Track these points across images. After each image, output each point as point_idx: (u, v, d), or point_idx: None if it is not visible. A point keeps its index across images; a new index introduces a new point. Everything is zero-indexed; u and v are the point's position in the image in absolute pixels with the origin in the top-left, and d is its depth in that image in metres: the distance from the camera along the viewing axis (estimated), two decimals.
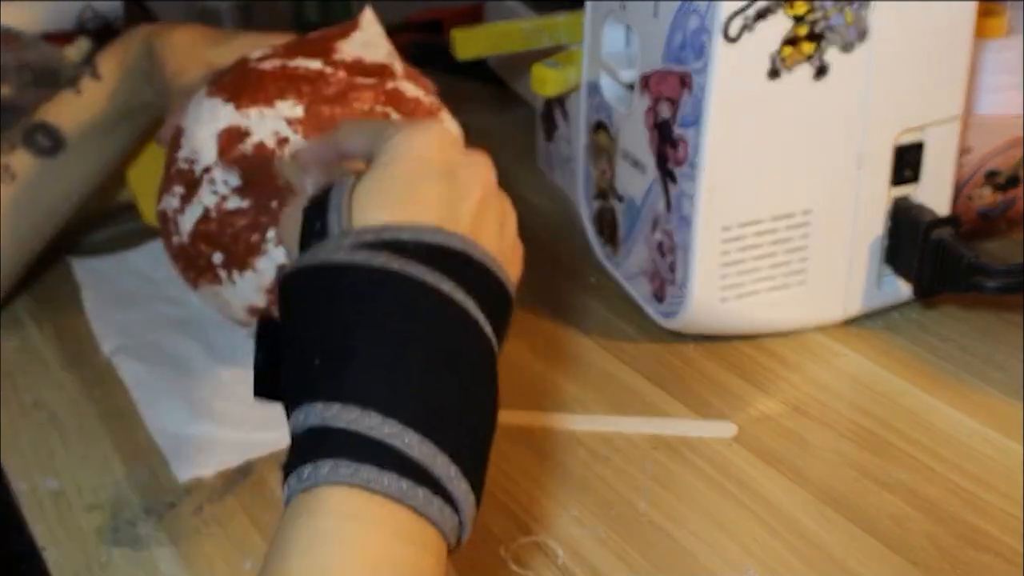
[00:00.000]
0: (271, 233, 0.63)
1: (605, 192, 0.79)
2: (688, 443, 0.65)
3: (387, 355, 0.41)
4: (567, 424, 0.67)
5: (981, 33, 0.72)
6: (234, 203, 0.63)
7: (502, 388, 0.70)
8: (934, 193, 0.73)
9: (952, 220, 0.71)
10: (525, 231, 0.65)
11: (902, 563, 0.56)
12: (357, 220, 0.45)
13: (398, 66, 0.69)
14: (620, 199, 0.77)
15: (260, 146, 0.63)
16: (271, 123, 0.63)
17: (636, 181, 0.74)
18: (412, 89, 0.68)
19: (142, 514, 0.61)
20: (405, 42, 1.29)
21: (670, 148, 0.69)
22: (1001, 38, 0.77)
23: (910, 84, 0.68)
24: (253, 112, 0.63)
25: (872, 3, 0.65)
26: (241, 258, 0.64)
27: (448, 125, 0.68)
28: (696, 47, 0.65)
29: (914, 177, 0.72)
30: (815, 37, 0.65)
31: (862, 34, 0.66)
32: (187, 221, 0.65)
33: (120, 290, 0.81)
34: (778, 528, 0.58)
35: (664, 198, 0.71)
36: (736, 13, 0.63)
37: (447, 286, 0.43)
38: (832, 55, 0.66)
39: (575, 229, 0.88)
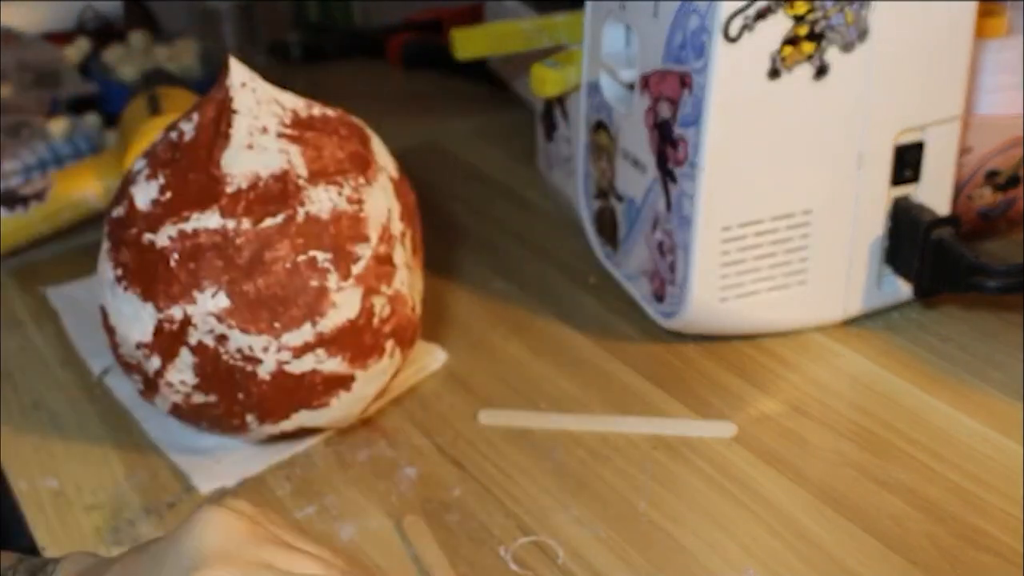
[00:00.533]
0: (250, 416, 0.61)
1: (605, 192, 0.79)
2: (688, 443, 0.65)
3: None
4: (567, 424, 0.67)
5: (981, 33, 0.72)
6: (200, 398, 0.61)
7: (503, 387, 0.71)
8: (934, 193, 0.73)
9: (952, 220, 0.71)
10: (525, 231, 0.65)
11: (902, 563, 0.56)
12: None
13: (290, 154, 0.60)
14: (620, 199, 0.77)
15: (201, 347, 0.58)
16: (201, 321, 0.58)
17: (636, 181, 0.74)
18: (322, 195, 0.59)
19: (142, 514, 0.61)
20: (405, 42, 1.30)
21: (670, 148, 0.69)
22: (1001, 38, 0.77)
23: (910, 84, 0.68)
24: (176, 311, 0.58)
25: (872, 3, 0.65)
26: (230, 430, 0.63)
27: (382, 169, 0.62)
28: (696, 47, 0.65)
29: (914, 177, 0.72)
30: (815, 37, 0.65)
31: (862, 34, 0.66)
32: (161, 404, 0.63)
33: (93, 312, 0.77)
34: (778, 528, 0.58)
35: (664, 198, 0.71)
36: (736, 13, 0.63)
37: None
38: (832, 55, 0.66)
39: (575, 229, 0.88)
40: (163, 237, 0.58)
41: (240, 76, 0.61)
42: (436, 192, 0.64)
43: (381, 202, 0.61)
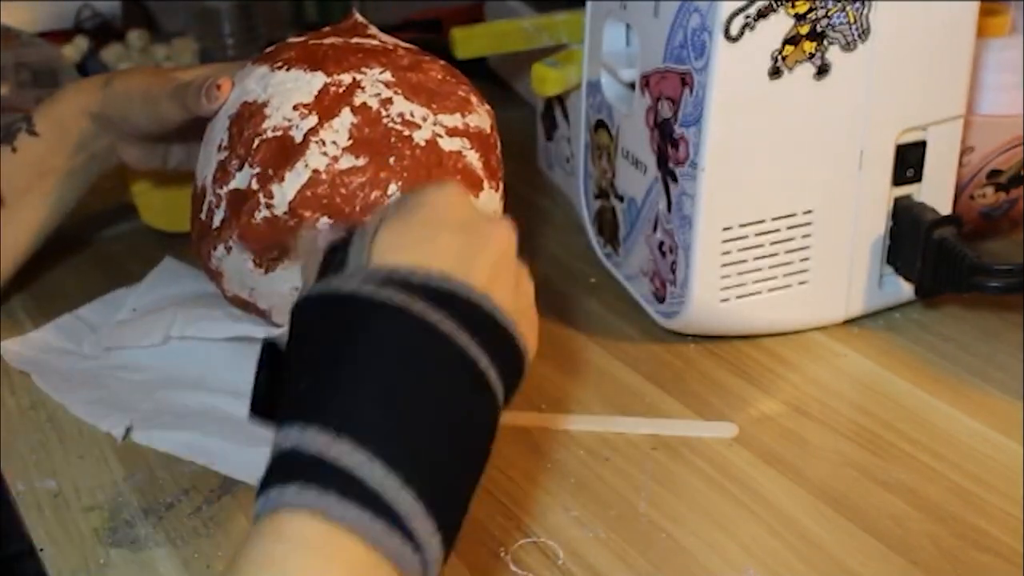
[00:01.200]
0: (393, 187, 0.62)
1: (605, 192, 0.79)
2: (688, 443, 0.65)
3: (372, 388, 0.41)
4: (567, 424, 0.67)
5: (983, 32, 0.72)
6: (347, 162, 0.62)
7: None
8: (936, 193, 0.72)
9: (954, 220, 0.71)
10: (525, 231, 0.65)
11: (902, 563, 0.56)
12: (375, 260, 0.45)
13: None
14: (620, 199, 0.77)
15: (364, 107, 0.62)
16: (370, 85, 0.62)
17: (637, 181, 0.74)
18: (445, 65, 0.68)
19: (140, 515, 0.61)
20: (404, 41, 1.30)
21: (671, 147, 0.69)
22: (1003, 37, 0.77)
23: (912, 83, 0.68)
24: (346, 77, 0.62)
25: (874, 2, 0.65)
26: (355, 218, 0.62)
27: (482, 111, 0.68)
28: (697, 46, 0.65)
29: (916, 177, 0.71)
30: (816, 36, 0.65)
31: (864, 33, 0.66)
32: (286, 190, 0.62)
33: (65, 370, 0.73)
34: (778, 528, 0.58)
35: (665, 198, 0.70)
36: (737, 12, 0.63)
37: (448, 327, 0.43)
38: (834, 54, 0.65)
39: (575, 229, 0.88)
40: (331, 39, 0.65)
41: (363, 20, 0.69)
42: None
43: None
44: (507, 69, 1.06)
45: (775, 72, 0.65)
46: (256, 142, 0.62)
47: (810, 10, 0.64)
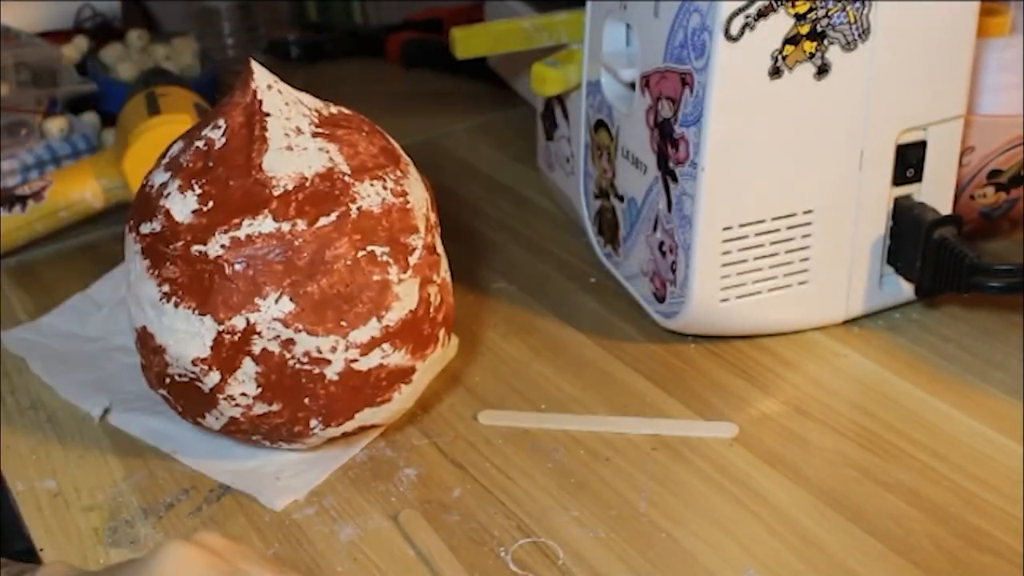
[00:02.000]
0: (315, 421, 0.59)
1: (605, 191, 0.79)
2: (688, 443, 0.65)
3: None
4: (567, 424, 0.67)
5: (983, 32, 0.72)
6: (262, 408, 0.59)
7: (503, 388, 0.70)
8: (936, 192, 0.72)
9: (954, 220, 0.71)
10: (525, 231, 0.65)
11: (902, 563, 0.56)
12: None
13: (330, 152, 0.59)
14: (621, 198, 0.77)
15: (265, 354, 0.57)
16: (266, 328, 0.56)
17: (637, 180, 0.74)
18: (369, 190, 0.58)
19: (140, 514, 0.61)
20: (405, 41, 1.30)
21: (671, 147, 0.69)
22: (1003, 37, 0.77)
23: (912, 83, 0.68)
24: (238, 320, 0.56)
25: (874, 2, 0.65)
26: (287, 439, 0.61)
27: (412, 180, 0.61)
28: (697, 46, 0.65)
29: (916, 176, 0.71)
30: (817, 36, 0.65)
31: (864, 33, 0.66)
32: (211, 423, 0.61)
33: (65, 353, 0.75)
34: (778, 528, 0.58)
35: (665, 198, 0.70)
36: (737, 12, 0.63)
37: None
38: (834, 54, 0.65)
39: (575, 229, 0.88)
40: (215, 247, 0.56)
41: (265, 78, 0.60)
42: (436, 192, 0.64)
43: (419, 192, 0.61)
44: (507, 69, 1.06)
45: (775, 72, 0.65)
46: (167, 379, 0.60)
47: (810, 10, 0.64)
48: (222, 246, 0.56)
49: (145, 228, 0.59)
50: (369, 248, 0.57)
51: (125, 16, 1.31)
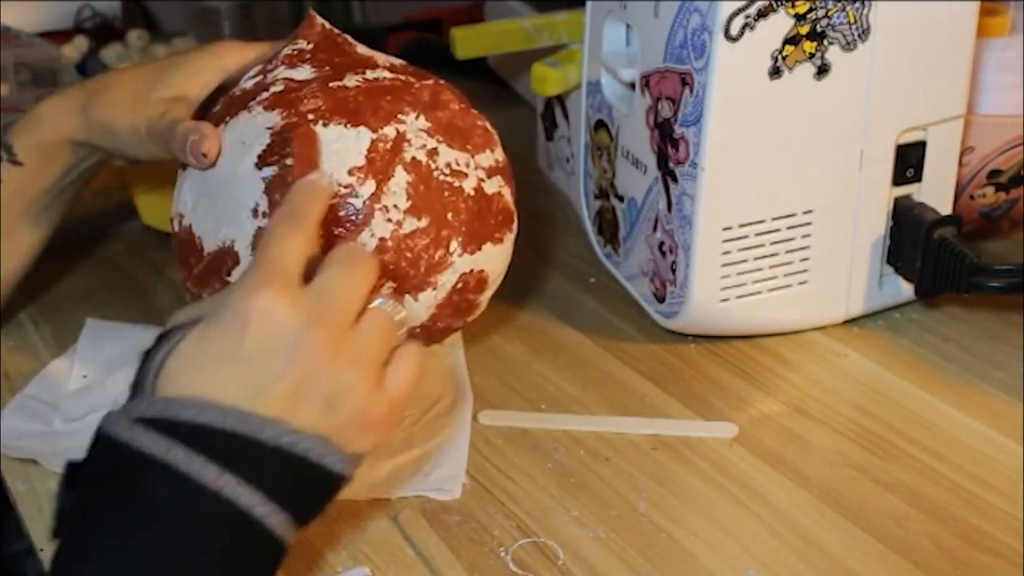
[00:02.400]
0: (454, 243, 0.61)
1: (605, 192, 0.79)
2: (688, 443, 0.65)
3: (138, 547, 0.42)
4: (567, 424, 0.67)
5: (983, 32, 0.72)
6: (410, 224, 0.59)
7: (503, 388, 0.70)
8: (936, 193, 0.72)
9: (954, 220, 0.71)
10: (525, 231, 0.65)
11: (902, 563, 0.56)
12: (162, 384, 0.45)
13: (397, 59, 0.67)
14: (621, 199, 0.77)
15: (415, 164, 0.60)
16: (414, 136, 0.60)
17: (637, 180, 0.74)
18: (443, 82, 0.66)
19: None
20: (405, 41, 1.30)
21: (671, 147, 0.69)
22: (1003, 37, 0.77)
23: (912, 83, 0.68)
24: (389, 130, 0.60)
25: (874, 2, 0.65)
26: (421, 280, 0.61)
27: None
28: (697, 46, 0.65)
29: (916, 177, 0.71)
30: (817, 36, 0.65)
31: (864, 33, 0.66)
32: (368, 238, 0.60)
33: (57, 449, 0.67)
34: (778, 528, 0.58)
35: (665, 198, 0.70)
36: (737, 12, 0.63)
37: (217, 479, 0.42)
38: (834, 54, 0.65)
39: (575, 229, 0.88)
40: (351, 80, 0.61)
41: (322, 20, 0.66)
42: None
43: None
44: (507, 69, 1.06)
45: (775, 72, 0.65)
46: None
47: (810, 10, 0.64)
48: (358, 81, 0.61)
49: (261, 96, 0.61)
50: (465, 105, 0.64)
51: (125, 16, 1.31)
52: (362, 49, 0.65)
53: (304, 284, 0.47)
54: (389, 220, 0.59)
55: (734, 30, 0.63)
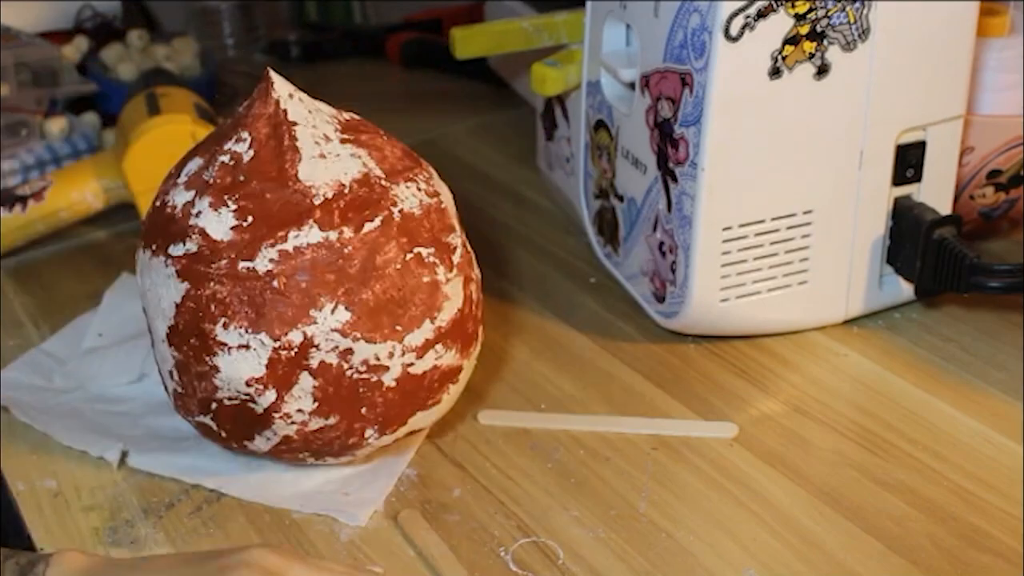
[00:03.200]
0: (370, 431, 0.58)
1: (605, 192, 0.79)
2: (688, 443, 0.65)
3: None
4: (567, 424, 0.67)
5: (983, 32, 0.72)
6: (317, 423, 0.57)
7: (503, 387, 0.70)
8: (936, 193, 0.72)
9: (954, 220, 0.71)
10: (525, 231, 0.65)
11: (902, 563, 0.56)
12: None
13: (361, 157, 0.58)
14: (620, 199, 0.77)
15: (323, 367, 0.56)
16: (323, 339, 0.55)
17: (637, 180, 0.74)
18: (406, 192, 0.58)
19: (140, 514, 0.61)
20: (405, 41, 1.30)
21: (671, 147, 0.69)
22: (1003, 37, 0.76)
23: (912, 83, 0.68)
24: (295, 335, 0.55)
25: (874, 2, 0.65)
26: (337, 453, 0.60)
27: (425, 186, 0.60)
28: (697, 46, 0.65)
29: (916, 177, 0.71)
30: (816, 36, 0.65)
31: (864, 33, 0.66)
32: (259, 445, 0.59)
33: (43, 405, 0.70)
34: (778, 528, 0.58)
35: (665, 198, 0.70)
36: (737, 12, 0.63)
37: None
38: (833, 54, 0.65)
39: (575, 229, 0.88)
40: (263, 261, 0.54)
41: (285, 87, 0.58)
42: None
43: (446, 191, 0.61)
44: (507, 69, 1.06)
45: (775, 72, 0.65)
46: (213, 404, 0.58)
47: (810, 10, 0.64)
48: (271, 260, 0.55)
49: (176, 250, 0.56)
50: (416, 250, 0.57)
51: (125, 16, 1.31)
52: (305, 166, 0.56)
53: None
54: (293, 423, 0.57)
55: (734, 30, 0.63)
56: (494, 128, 1.11)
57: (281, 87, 0.58)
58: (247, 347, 0.55)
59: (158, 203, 0.59)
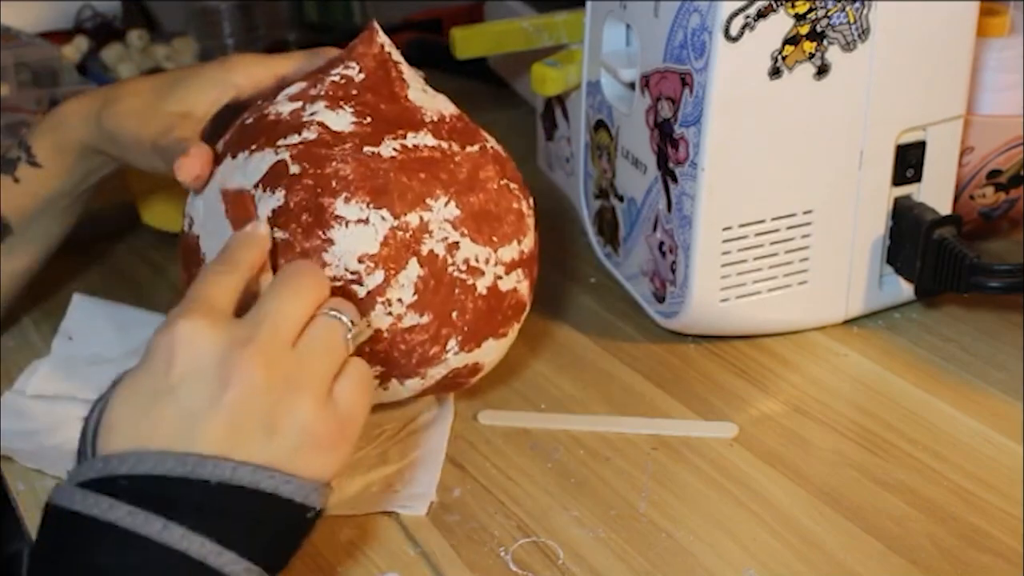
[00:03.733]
0: (452, 342, 0.59)
1: (605, 192, 0.79)
2: (688, 443, 0.65)
3: None
4: (567, 424, 0.67)
5: (983, 32, 0.72)
6: (411, 320, 0.57)
7: (503, 388, 0.70)
8: (935, 193, 0.72)
9: (954, 220, 0.71)
10: None
11: (902, 563, 0.56)
12: (100, 445, 0.43)
13: (450, 102, 0.63)
14: (620, 199, 0.77)
15: (431, 257, 0.57)
16: (437, 227, 0.57)
17: (637, 180, 0.74)
18: (489, 136, 0.63)
19: None
20: (405, 41, 1.30)
21: (671, 147, 0.69)
22: (1002, 37, 0.77)
23: (912, 83, 0.68)
24: (412, 217, 0.56)
25: (874, 2, 0.65)
26: (411, 369, 0.60)
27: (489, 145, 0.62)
28: (697, 46, 0.65)
29: (916, 177, 0.71)
30: (816, 36, 0.65)
31: (864, 33, 0.66)
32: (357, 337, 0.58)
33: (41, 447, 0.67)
34: (778, 528, 0.58)
35: (665, 198, 0.70)
36: (737, 12, 0.63)
37: (156, 527, 0.41)
38: (833, 54, 0.65)
39: (575, 229, 0.88)
40: (388, 149, 0.57)
41: (383, 38, 0.63)
42: None
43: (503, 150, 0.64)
44: (507, 69, 1.06)
45: (775, 72, 0.65)
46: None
47: (810, 10, 0.64)
48: (395, 149, 0.57)
49: (290, 139, 0.58)
50: (505, 181, 0.61)
51: (125, 16, 1.31)
52: (413, 93, 0.61)
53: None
54: (390, 314, 0.57)
55: (734, 30, 0.63)
56: (494, 128, 1.10)
57: (382, 36, 0.63)
58: (366, 222, 0.56)
59: (251, 118, 0.61)
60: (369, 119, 0.58)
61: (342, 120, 0.58)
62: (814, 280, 0.72)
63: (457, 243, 0.58)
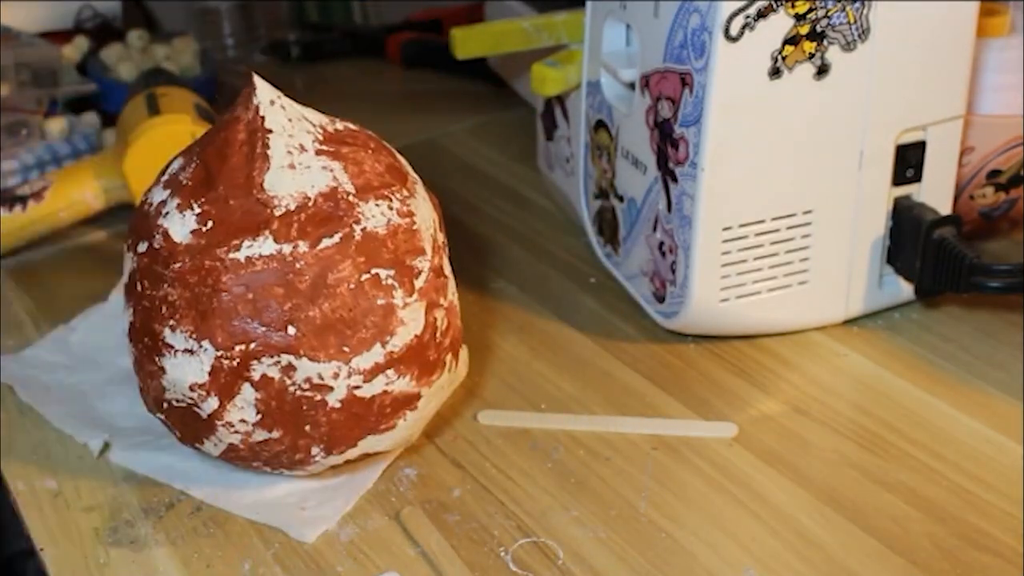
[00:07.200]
0: (316, 448, 0.57)
1: (605, 192, 0.79)
2: (688, 443, 0.65)
3: None
4: (567, 424, 0.67)
5: (983, 32, 0.72)
6: (261, 435, 0.56)
7: (503, 388, 0.70)
8: (936, 193, 0.72)
9: (954, 220, 0.71)
10: (525, 231, 0.66)
11: (902, 563, 0.56)
12: None
13: (334, 171, 0.57)
14: (620, 199, 0.77)
15: (264, 380, 0.55)
16: (266, 356, 0.54)
17: (636, 181, 0.74)
18: (374, 211, 0.56)
19: (140, 514, 0.61)
20: (405, 41, 1.30)
21: (671, 147, 0.69)
22: (1003, 37, 0.77)
23: (912, 83, 0.68)
24: (238, 349, 0.54)
25: (874, 2, 0.65)
26: (288, 466, 0.59)
27: (415, 199, 0.59)
28: (697, 46, 0.65)
29: (916, 177, 0.71)
30: (816, 36, 0.65)
31: (864, 33, 0.66)
32: (208, 449, 0.59)
33: (49, 384, 0.72)
34: (778, 528, 0.58)
35: (665, 198, 0.71)
36: (737, 12, 0.63)
37: None
38: (834, 54, 0.65)
39: (575, 229, 0.88)
40: (219, 265, 0.54)
41: (268, 94, 0.57)
42: (435, 192, 0.64)
43: (426, 213, 0.59)
44: (507, 69, 1.06)
45: (775, 72, 0.65)
46: (165, 404, 0.58)
47: (810, 10, 0.64)
48: (226, 266, 0.54)
49: (142, 247, 0.57)
50: (373, 271, 0.55)
51: (125, 16, 1.31)
52: (272, 175, 0.55)
53: None
54: (236, 432, 0.56)
55: (734, 30, 0.63)
56: (494, 128, 1.11)
57: (264, 93, 0.57)
58: (191, 352, 0.55)
59: (143, 200, 0.60)
60: (210, 224, 0.55)
61: (184, 227, 0.55)
62: (814, 280, 0.72)
63: (292, 365, 0.54)
